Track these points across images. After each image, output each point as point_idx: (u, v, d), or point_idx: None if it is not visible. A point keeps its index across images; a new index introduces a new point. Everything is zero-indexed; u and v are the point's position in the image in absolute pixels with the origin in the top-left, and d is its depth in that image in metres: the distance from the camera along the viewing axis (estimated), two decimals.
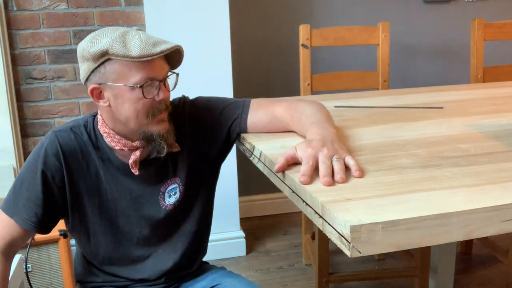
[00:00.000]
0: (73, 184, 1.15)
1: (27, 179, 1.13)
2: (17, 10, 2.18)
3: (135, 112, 1.07)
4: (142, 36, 1.05)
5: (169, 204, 1.20)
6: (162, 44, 1.05)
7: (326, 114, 1.17)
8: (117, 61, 1.04)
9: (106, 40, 1.04)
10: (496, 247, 2.18)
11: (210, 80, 2.28)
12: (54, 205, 1.15)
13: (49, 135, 1.14)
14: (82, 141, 1.15)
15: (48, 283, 1.84)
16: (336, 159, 0.92)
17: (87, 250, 1.23)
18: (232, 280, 1.26)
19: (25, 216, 1.12)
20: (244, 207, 2.83)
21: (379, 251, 0.72)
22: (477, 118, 1.37)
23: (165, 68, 1.10)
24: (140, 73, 1.04)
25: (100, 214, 1.17)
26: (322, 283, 1.91)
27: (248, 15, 2.67)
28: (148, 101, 1.07)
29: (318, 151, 0.94)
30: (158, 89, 1.08)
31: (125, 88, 1.05)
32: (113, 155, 1.16)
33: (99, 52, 1.03)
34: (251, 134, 1.24)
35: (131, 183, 1.17)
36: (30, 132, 2.29)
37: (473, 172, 0.93)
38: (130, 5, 2.28)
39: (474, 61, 2.28)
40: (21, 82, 2.24)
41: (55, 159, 1.12)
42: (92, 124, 1.17)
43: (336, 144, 0.98)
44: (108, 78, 1.06)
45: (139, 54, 1.02)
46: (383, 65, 2.23)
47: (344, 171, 0.90)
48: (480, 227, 0.76)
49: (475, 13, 2.88)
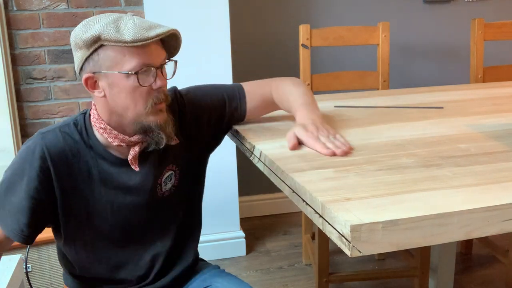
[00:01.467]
0: (64, 187, 1.08)
1: (12, 183, 1.07)
2: (17, 10, 2.18)
3: (133, 102, 1.03)
4: (136, 20, 1.01)
5: (166, 191, 1.18)
6: (157, 28, 1.01)
7: (311, 97, 1.28)
8: (110, 47, 1.00)
9: (99, 26, 0.99)
10: (496, 247, 2.18)
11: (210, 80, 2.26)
12: (42, 212, 1.08)
13: (35, 137, 1.08)
14: (72, 141, 1.09)
15: (48, 283, 1.84)
16: (333, 137, 1.12)
17: (83, 257, 1.18)
18: (222, 280, 1.24)
19: (9, 223, 1.07)
20: (244, 207, 2.83)
21: (379, 250, 0.72)
22: (477, 118, 1.37)
23: (162, 54, 1.05)
24: (135, 58, 1.00)
25: (96, 216, 1.13)
26: (322, 283, 1.91)
27: (248, 15, 2.67)
28: (145, 90, 1.03)
29: (316, 133, 1.12)
30: (155, 77, 1.03)
31: (119, 75, 1.01)
32: (106, 152, 1.11)
33: (92, 38, 0.99)
34: (251, 134, 1.24)
35: (127, 178, 1.13)
36: (30, 132, 2.29)
37: (473, 172, 0.93)
38: (130, 5, 2.28)
39: (474, 61, 2.28)
40: (21, 82, 2.24)
41: (42, 163, 1.05)
42: (84, 121, 1.11)
43: (325, 125, 1.17)
44: (102, 65, 1.01)
45: (132, 38, 0.98)
46: (383, 65, 2.23)
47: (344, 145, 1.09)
48: (480, 227, 0.76)
49: (475, 13, 2.88)
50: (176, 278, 1.26)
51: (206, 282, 1.26)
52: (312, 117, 1.18)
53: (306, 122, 1.16)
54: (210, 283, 1.25)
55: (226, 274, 1.30)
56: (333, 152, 1.05)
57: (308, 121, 1.16)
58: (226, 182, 2.37)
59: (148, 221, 1.19)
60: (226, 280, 1.25)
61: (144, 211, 1.17)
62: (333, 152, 1.05)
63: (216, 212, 2.40)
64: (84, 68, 1.04)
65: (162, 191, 1.18)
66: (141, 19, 1.03)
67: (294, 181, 0.91)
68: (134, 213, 1.16)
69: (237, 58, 2.54)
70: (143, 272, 1.22)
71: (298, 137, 1.13)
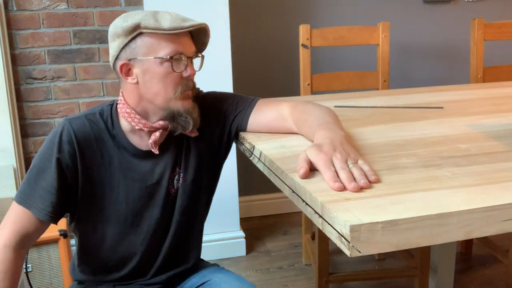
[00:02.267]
0: (86, 172, 1.14)
1: (42, 168, 1.12)
2: (17, 10, 2.18)
3: (164, 87, 1.10)
4: (172, 13, 1.11)
5: (176, 189, 1.22)
6: (191, 21, 1.10)
7: (333, 117, 1.14)
8: (148, 34, 1.08)
9: (139, 16, 1.08)
10: (496, 247, 2.18)
11: (210, 80, 2.27)
12: (67, 193, 1.14)
13: (63, 123, 1.14)
14: (97, 129, 1.15)
15: (48, 283, 1.84)
16: (352, 164, 0.89)
17: (91, 241, 1.21)
18: (222, 276, 1.27)
19: (41, 206, 1.11)
20: (244, 207, 2.83)
21: (378, 250, 0.72)
22: (477, 118, 1.37)
23: (192, 47, 1.14)
24: (170, 45, 1.08)
25: (110, 203, 1.17)
26: (322, 283, 1.91)
27: (248, 15, 2.67)
28: (176, 76, 1.10)
29: (331, 156, 0.91)
30: (186, 65, 1.11)
31: (154, 61, 1.09)
32: (128, 143, 1.16)
33: (132, 26, 1.07)
34: (251, 134, 1.24)
35: (145, 170, 1.18)
36: (30, 132, 2.29)
37: (473, 172, 0.93)
38: (130, 5, 2.28)
39: (474, 61, 2.28)
40: (21, 82, 2.24)
41: (70, 147, 1.12)
42: (110, 112, 1.18)
43: (346, 147, 0.95)
44: (138, 52, 1.09)
45: (169, 27, 1.07)
46: (383, 65, 2.23)
47: (365, 176, 0.87)
48: (480, 227, 0.76)
49: (475, 13, 2.88)
50: (175, 276, 1.28)
51: (205, 277, 1.28)
52: (331, 136, 0.99)
53: (323, 141, 0.97)
54: (210, 278, 1.27)
55: (225, 270, 1.32)
56: (341, 187, 0.84)
57: (326, 140, 0.97)
58: (226, 182, 2.37)
59: (157, 217, 1.21)
60: (225, 275, 1.27)
61: (155, 206, 1.20)
62: (341, 187, 0.84)
63: (216, 212, 2.39)
64: (120, 56, 1.11)
65: (174, 189, 1.22)
66: (177, 13, 1.12)
67: (294, 181, 0.91)
68: (146, 206, 1.20)
69: (237, 58, 2.55)
70: (143, 266, 1.24)
71: (310, 159, 0.93)
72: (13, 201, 1.14)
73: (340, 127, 1.08)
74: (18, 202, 1.13)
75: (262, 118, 1.23)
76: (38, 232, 1.15)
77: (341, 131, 1.04)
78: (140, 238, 1.21)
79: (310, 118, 1.13)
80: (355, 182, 0.84)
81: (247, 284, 1.23)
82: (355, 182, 0.84)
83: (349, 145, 0.98)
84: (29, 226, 1.12)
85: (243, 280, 1.25)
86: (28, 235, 1.13)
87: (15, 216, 1.12)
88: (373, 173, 0.88)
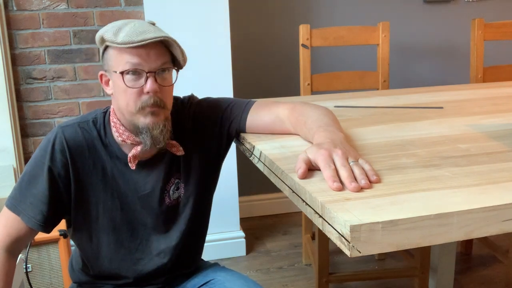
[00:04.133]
0: (79, 180, 1.13)
1: (34, 175, 1.12)
2: (17, 10, 2.18)
3: (125, 101, 1.07)
4: (137, 25, 1.06)
5: (173, 200, 1.20)
6: (149, 33, 1.04)
7: (332, 118, 1.12)
8: (110, 47, 1.08)
9: (108, 27, 1.07)
10: (496, 247, 2.18)
11: (210, 80, 2.28)
12: (60, 202, 1.13)
13: (56, 131, 1.13)
14: (90, 137, 1.14)
15: (48, 283, 1.84)
16: (353, 163, 0.87)
17: (88, 251, 1.21)
18: (225, 274, 1.27)
19: (31, 214, 1.11)
20: (244, 207, 2.83)
21: (378, 250, 0.72)
22: (477, 118, 1.37)
23: (159, 60, 1.06)
24: (125, 60, 1.05)
25: (104, 211, 1.16)
26: (322, 283, 1.91)
27: (248, 15, 2.67)
28: (135, 91, 1.06)
29: (331, 152, 0.89)
30: (146, 80, 1.05)
31: (116, 75, 1.07)
32: (120, 152, 1.15)
33: (99, 38, 1.09)
34: (251, 134, 1.23)
35: (137, 180, 1.17)
36: (30, 132, 2.29)
37: (473, 172, 0.93)
38: (130, 5, 2.28)
39: (474, 61, 2.28)
40: (21, 82, 2.24)
41: (62, 156, 1.11)
42: (103, 119, 1.16)
43: (347, 146, 0.94)
44: (106, 64, 1.10)
45: (122, 41, 1.03)
46: (383, 65, 2.23)
47: (366, 175, 0.85)
48: (480, 227, 0.76)
49: (475, 13, 2.88)
50: (176, 277, 1.28)
51: (208, 277, 1.27)
52: (331, 137, 0.97)
53: (323, 141, 0.96)
54: (213, 277, 1.27)
55: (227, 269, 1.32)
56: (341, 188, 0.82)
57: (326, 140, 0.95)
58: (226, 182, 2.37)
59: (153, 226, 1.20)
60: (228, 274, 1.27)
61: (150, 216, 1.19)
62: (340, 188, 0.82)
63: (216, 212, 2.38)
64: (102, 66, 1.13)
65: (170, 200, 1.20)
66: (145, 25, 1.06)
67: (294, 181, 0.91)
68: (140, 215, 1.18)
69: (237, 58, 2.54)
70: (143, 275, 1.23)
71: (309, 157, 0.91)
72: (4, 206, 1.13)
73: (340, 129, 1.07)
74: (8, 207, 1.13)
75: (260, 122, 1.21)
76: (29, 237, 1.16)
77: (341, 133, 1.03)
78: (136, 248, 1.20)
79: (309, 120, 1.11)
80: (356, 183, 0.82)
81: (251, 282, 1.22)
82: (355, 182, 0.82)
83: (349, 145, 0.97)
84: (20, 231, 1.13)
85: (247, 278, 1.24)
86: (19, 239, 1.14)
87: (6, 220, 1.13)
88: (374, 172, 0.87)
